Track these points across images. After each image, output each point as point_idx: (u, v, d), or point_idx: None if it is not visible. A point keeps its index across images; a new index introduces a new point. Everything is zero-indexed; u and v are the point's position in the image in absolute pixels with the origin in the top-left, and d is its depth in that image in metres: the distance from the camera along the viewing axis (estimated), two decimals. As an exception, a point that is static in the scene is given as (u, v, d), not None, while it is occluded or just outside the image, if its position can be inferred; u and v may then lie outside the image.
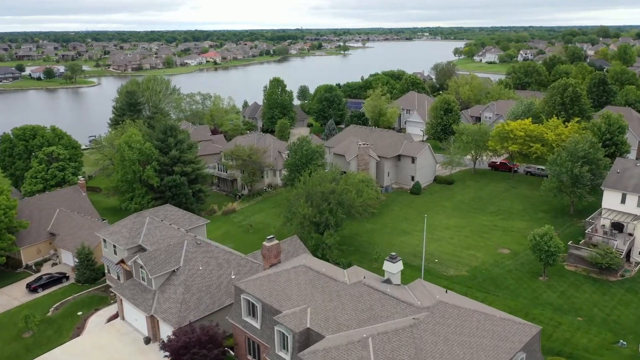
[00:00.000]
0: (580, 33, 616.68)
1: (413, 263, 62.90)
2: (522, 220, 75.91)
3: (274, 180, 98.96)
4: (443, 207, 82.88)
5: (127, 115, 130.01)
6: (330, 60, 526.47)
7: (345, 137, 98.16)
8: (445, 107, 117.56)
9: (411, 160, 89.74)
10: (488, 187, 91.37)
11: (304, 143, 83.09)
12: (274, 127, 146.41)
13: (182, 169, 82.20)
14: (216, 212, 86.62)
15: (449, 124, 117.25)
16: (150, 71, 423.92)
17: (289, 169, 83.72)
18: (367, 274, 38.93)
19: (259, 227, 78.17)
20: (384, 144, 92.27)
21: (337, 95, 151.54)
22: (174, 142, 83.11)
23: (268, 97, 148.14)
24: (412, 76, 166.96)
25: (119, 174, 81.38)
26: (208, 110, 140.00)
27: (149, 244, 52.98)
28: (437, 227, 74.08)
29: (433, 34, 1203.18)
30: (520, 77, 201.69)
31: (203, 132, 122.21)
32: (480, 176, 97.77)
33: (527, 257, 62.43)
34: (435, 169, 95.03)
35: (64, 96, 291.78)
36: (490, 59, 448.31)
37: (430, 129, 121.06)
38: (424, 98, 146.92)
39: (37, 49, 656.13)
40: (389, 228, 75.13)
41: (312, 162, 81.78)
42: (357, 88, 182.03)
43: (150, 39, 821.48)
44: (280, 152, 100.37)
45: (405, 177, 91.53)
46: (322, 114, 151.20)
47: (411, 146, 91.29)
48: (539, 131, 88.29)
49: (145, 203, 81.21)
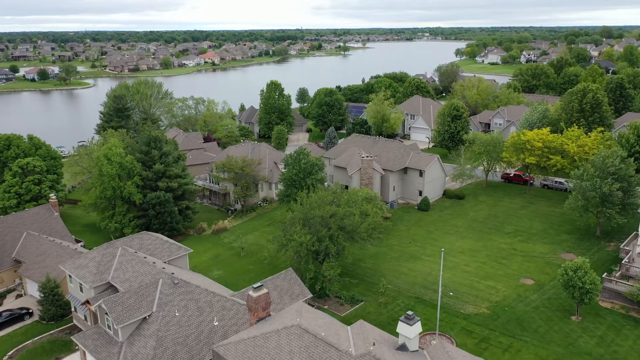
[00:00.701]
0: (582, 33, 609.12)
1: (425, 297, 55.29)
2: (543, 243, 68.30)
3: (269, 194, 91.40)
4: (455, 227, 75.26)
5: (114, 121, 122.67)
6: (330, 61, 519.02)
7: (347, 147, 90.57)
8: (454, 113, 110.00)
9: (419, 174, 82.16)
10: (503, 202, 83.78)
11: (301, 156, 75.55)
12: (270, 132, 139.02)
13: (168, 185, 74.65)
14: (205, 231, 79.01)
15: (457, 131, 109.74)
16: (147, 72, 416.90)
17: (285, 184, 76.18)
18: (376, 335, 31.37)
19: (251, 250, 70.56)
20: (389, 156, 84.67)
21: (338, 100, 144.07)
22: (158, 154, 75.51)
23: (265, 101, 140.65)
24: (416, 79, 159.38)
25: (97, 190, 73.85)
26: (201, 115, 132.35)
27: (120, 281, 45.36)
28: (450, 251, 66.47)
29: (433, 34, 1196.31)
30: (527, 79, 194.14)
31: (195, 139, 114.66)
32: (493, 190, 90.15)
33: (555, 291, 54.85)
34: (444, 182, 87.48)
35: (57, 98, 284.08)
36: (492, 60, 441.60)
37: (437, 136, 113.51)
38: (429, 103, 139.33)
39: (34, 49, 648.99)
40: (395, 251, 67.53)
41: (311, 177, 74.30)
42: (358, 91, 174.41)
43: (149, 40, 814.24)
44: (276, 163, 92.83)
45: (412, 191, 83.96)
46: (321, 118, 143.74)
47: (419, 158, 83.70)
48: (558, 142, 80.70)
49: (126, 222, 73.73)
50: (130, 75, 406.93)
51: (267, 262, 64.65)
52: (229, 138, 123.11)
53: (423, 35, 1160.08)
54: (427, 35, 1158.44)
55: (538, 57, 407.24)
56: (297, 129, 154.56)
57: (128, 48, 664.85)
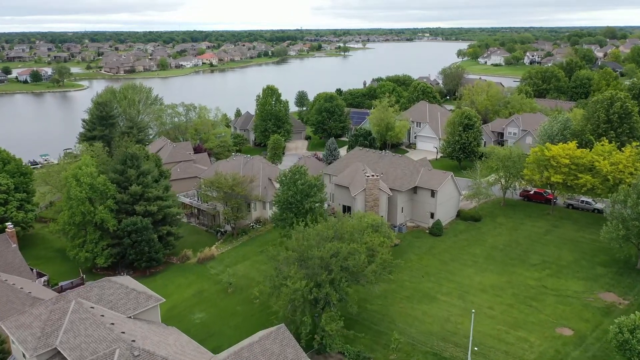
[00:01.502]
0: (586, 34, 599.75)
1: (445, 353, 46.23)
2: (577, 279, 59.27)
3: (263, 214, 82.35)
4: (472, 256, 66.20)
5: (97, 129, 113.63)
6: (330, 62, 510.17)
7: (350, 162, 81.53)
8: (465, 122, 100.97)
9: (430, 194, 73.09)
10: (524, 226, 74.69)
11: (297, 175, 66.49)
12: (267, 141, 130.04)
13: (146, 208, 65.55)
14: (190, 259, 69.97)
15: (469, 142, 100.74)
16: (143, 74, 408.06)
17: (279, 207, 67.16)
18: None
19: (241, 285, 61.49)
20: (396, 174, 75.55)
21: (339, 106, 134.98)
22: (135, 174, 66.40)
23: (260, 107, 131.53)
24: (422, 83, 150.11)
25: (65, 214, 64.80)
26: (192, 123, 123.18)
27: (69, 348, 36.33)
28: (470, 288, 57.50)
29: (434, 34, 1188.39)
30: (536, 83, 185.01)
31: (184, 150, 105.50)
32: (511, 210, 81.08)
33: (600, 346, 45.91)
34: (458, 202, 78.43)
35: (49, 101, 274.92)
36: (495, 61, 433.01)
37: (446, 147, 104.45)
38: (436, 109, 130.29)
39: (31, 49, 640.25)
40: (406, 289, 58.49)
41: (309, 199, 65.29)
42: (360, 96, 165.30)
43: (148, 40, 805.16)
44: (270, 180, 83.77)
45: (422, 213, 74.90)
46: (321, 126, 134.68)
47: (430, 176, 74.61)
48: (587, 159, 71.66)
49: (99, 251, 64.65)
50: (125, 76, 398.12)
51: (257, 302, 55.70)
52: (222, 148, 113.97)
53: (423, 36, 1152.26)
54: (427, 36, 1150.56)
55: (542, 59, 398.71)
56: (296, 136, 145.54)
57: (126, 49, 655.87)
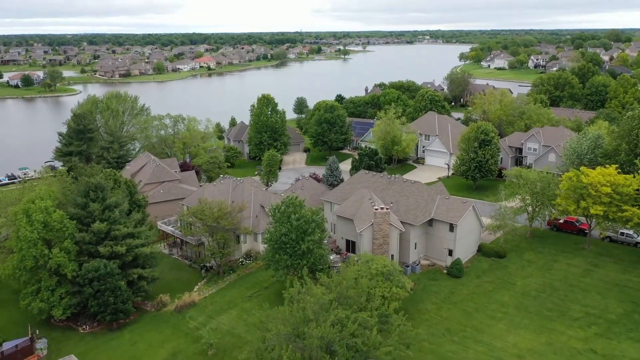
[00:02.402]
0: (589, 37, 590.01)
1: None
2: (631, 340, 48.74)
3: (254, 247, 71.84)
4: (501, 305, 55.67)
5: (74, 144, 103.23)
6: (329, 66, 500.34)
7: (354, 188, 70.97)
8: (482, 137, 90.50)
9: (449, 228, 62.56)
10: (558, 264, 64.13)
11: (291, 208, 56.04)
12: (262, 154, 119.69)
13: (112, 249, 55.01)
14: (167, 306, 59.44)
15: (485, 159, 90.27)
16: (139, 77, 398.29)
17: (271, 246, 56.71)
18: None
19: (224, 345, 50.84)
20: (409, 204, 64.94)
21: (340, 116, 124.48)
22: (99, 208, 55.83)
23: (255, 118, 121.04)
24: (429, 92, 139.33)
25: (15, 257, 54.31)
26: (179, 136, 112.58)
27: None
28: (503, 354, 46.97)
29: (434, 37, 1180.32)
30: (549, 89, 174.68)
31: (169, 167, 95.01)
32: (540, 243, 70.47)
33: None
34: (479, 234, 67.89)
35: (40, 106, 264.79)
36: (499, 65, 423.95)
37: (460, 165, 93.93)
38: (445, 121, 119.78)
39: (27, 52, 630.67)
40: (425, 353, 47.82)
41: (307, 238, 54.87)
42: (363, 104, 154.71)
43: (146, 43, 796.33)
44: (263, 207, 73.29)
45: (439, 249, 64.36)
46: (321, 138, 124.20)
47: (448, 207, 64.01)
48: (634, 187, 61.14)
49: (56, 300, 54.11)
50: (121, 80, 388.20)
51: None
52: (212, 165, 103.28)
53: (424, 38, 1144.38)
54: (427, 38, 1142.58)
55: (547, 62, 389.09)
56: (294, 148, 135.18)
57: (123, 52, 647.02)
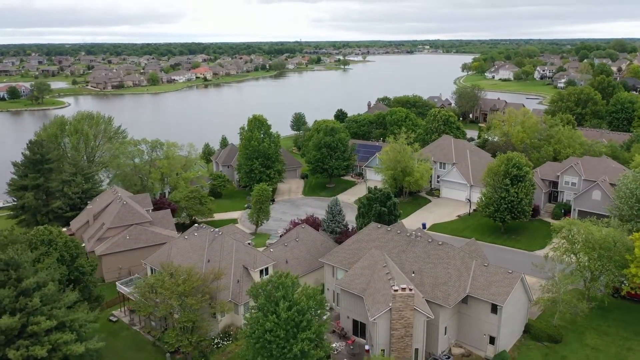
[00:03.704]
0: (594, 47, 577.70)
1: None
2: None
3: (234, 320, 56.15)
4: None
5: (30, 177, 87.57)
6: (329, 76, 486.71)
7: (362, 247, 55.36)
8: (514, 172, 75.14)
9: (490, 309, 46.95)
10: (633, 354, 48.50)
11: (280, 290, 40.52)
12: (253, 183, 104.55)
13: (28, 352, 39.32)
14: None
15: (518, 199, 74.85)
16: (132, 89, 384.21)
17: (250, 346, 41.04)
18: None
19: None
20: (436, 274, 49.25)
21: (341, 140, 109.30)
22: (11, 295, 40.20)
23: (245, 143, 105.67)
24: (442, 111, 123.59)
25: None
26: (156, 165, 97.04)
27: None
28: None
29: (434, 46, 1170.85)
30: (570, 106, 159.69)
31: (138, 206, 79.41)
32: (602, 318, 54.78)
33: None
34: (527, 311, 52.22)
35: (26, 120, 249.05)
36: (504, 76, 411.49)
37: (486, 205, 78.43)
38: (463, 146, 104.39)
39: (21, 62, 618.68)
40: None
41: (300, 336, 39.27)
42: (367, 124, 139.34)
43: (144, 52, 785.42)
44: (247, 269, 57.71)
45: (476, 334, 48.70)
46: (320, 165, 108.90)
47: (488, 278, 48.39)
48: None
49: None
50: (113, 92, 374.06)
51: None
52: (192, 201, 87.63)
53: (423, 48, 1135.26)
54: (427, 48, 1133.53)
55: (554, 74, 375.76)
56: (290, 174, 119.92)
57: (119, 62, 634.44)
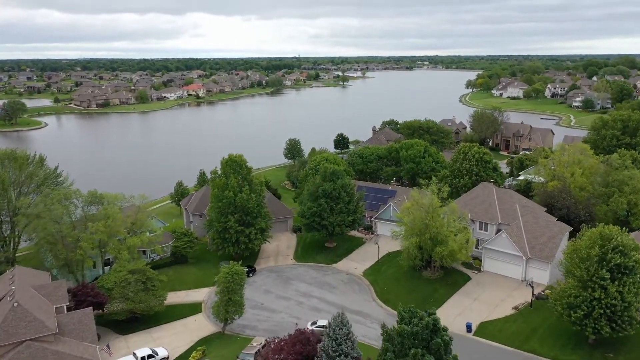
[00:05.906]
0: (603, 64, 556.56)
1: None
2: None
3: None
4: None
5: None
6: (328, 94, 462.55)
7: None
8: (616, 260, 48.28)
9: None
10: None
11: None
12: (229, 246, 78.06)
13: None
14: None
15: (623, 302, 47.94)
16: (119, 107, 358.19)
17: None
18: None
19: None
20: None
21: (345, 186, 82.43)
22: None
23: (218, 192, 78.64)
24: (474, 147, 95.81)
25: None
26: (87, 230, 69.27)
27: None
28: None
29: (433, 62, 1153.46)
30: (615, 135, 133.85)
31: (46, 301, 51.87)
32: None
33: None
34: None
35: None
36: (513, 94, 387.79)
37: (568, 306, 51.42)
38: (510, 199, 77.43)
39: (9, 78, 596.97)
40: None
41: None
42: (375, 159, 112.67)
43: (140, 68, 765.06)
44: None
45: None
46: (317, 220, 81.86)
47: None
48: None
49: None
50: (98, 111, 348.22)
51: None
52: (132, 288, 60.17)
53: (423, 64, 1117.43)
54: (427, 64, 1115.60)
55: (567, 92, 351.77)
56: (279, 226, 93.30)
57: (111, 78, 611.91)
